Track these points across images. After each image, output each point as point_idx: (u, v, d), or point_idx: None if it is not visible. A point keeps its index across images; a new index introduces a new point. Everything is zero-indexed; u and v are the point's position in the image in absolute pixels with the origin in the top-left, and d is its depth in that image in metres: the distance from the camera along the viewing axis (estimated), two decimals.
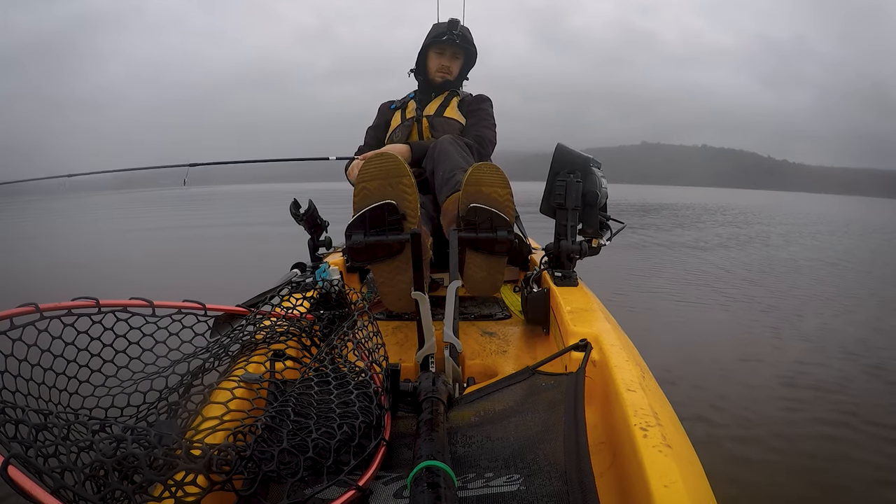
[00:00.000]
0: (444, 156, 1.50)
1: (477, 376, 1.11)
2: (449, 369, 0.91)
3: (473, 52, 1.95)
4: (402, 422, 0.76)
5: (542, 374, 0.80)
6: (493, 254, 1.23)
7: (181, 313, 0.81)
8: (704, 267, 5.52)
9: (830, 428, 1.95)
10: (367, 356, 0.88)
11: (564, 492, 0.56)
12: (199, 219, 13.03)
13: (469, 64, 1.99)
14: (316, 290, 1.12)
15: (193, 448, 0.50)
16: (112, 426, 0.59)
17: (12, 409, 0.49)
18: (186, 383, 0.76)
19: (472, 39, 1.90)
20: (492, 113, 1.91)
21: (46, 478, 0.41)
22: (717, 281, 4.76)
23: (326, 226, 1.54)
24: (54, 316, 0.63)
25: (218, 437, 0.57)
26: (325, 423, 0.62)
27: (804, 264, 6.00)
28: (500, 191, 1.22)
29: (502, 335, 1.30)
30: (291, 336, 0.92)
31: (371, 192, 1.11)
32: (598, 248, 1.29)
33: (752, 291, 4.33)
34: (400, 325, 1.41)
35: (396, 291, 1.16)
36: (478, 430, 0.72)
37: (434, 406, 0.73)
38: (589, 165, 1.25)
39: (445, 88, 1.93)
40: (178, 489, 0.46)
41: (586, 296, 1.16)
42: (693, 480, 0.50)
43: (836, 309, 3.85)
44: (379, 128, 1.98)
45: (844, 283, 5.02)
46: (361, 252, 1.11)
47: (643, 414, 0.59)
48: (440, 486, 0.53)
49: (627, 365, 0.73)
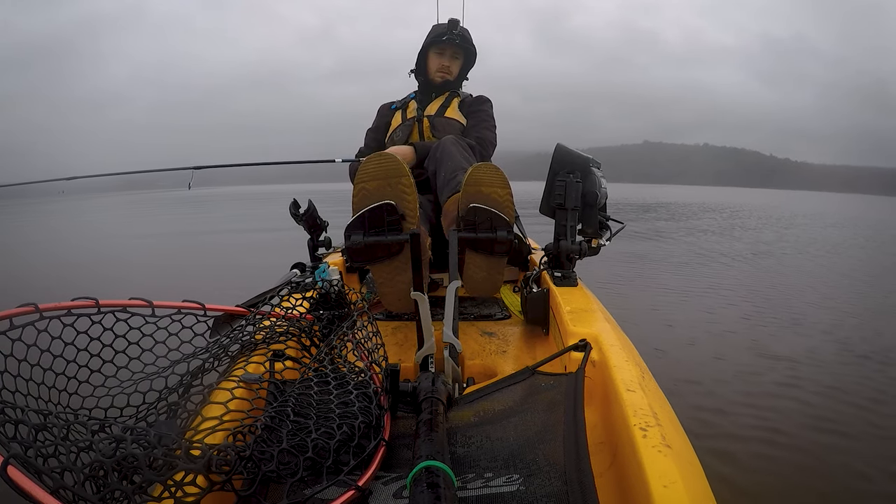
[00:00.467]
0: (446, 156, 1.50)
1: (476, 376, 1.11)
2: (448, 369, 0.91)
3: (473, 53, 1.95)
4: (401, 422, 0.76)
5: (542, 375, 0.80)
6: (492, 254, 1.23)
7: (181, 313, 0.81)
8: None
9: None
10: (367, 356, 0.88)
11: (564, 492, 0.56)
12: (201, 222, 13.03)
13: (469, 64, 1.99)
14: (315, 291, 1.12)
15: (193, 448, 0.50)
16: (112, 426, 0.59)
17: (12, 409, 0.49)
18: (186, 383, 0.76)
19: (472, 40, 1.90)
20: (492, 114, 1.92)
21: (46, 478, 0.41)
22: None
23: (326, 226, 1.53)
24: (54, 316, 0.63)
25: (217, 438, 0.57)
26: (324, 424, 0.62)
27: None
28: (500, 191, 1.22)
29: (502, 335, 1.30)
30: (291, 336, 0.92)
31: (370, 193, 1.11)
32: (597, 248, 1.29)
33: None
34: (399, 326, 1.41)
35: (396, 292, 1.16)
36: (477, 431, 0.72)
37: (433, 406, 0.73)
38: (588, 165, 1.25)
39: (446, 89, 1.93)
40: (178, 489, 0.46)
41: (586, 296, 1.16)
42: (692, 480, 0.50)
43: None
44: (379, 129, 1.98)
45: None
46: (360, 252, 1.11)
47: (643, 414, 0.59)
48: (440, 487, 0.53)
49: (627, 365, 0.73)
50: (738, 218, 13.16)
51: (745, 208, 18.38)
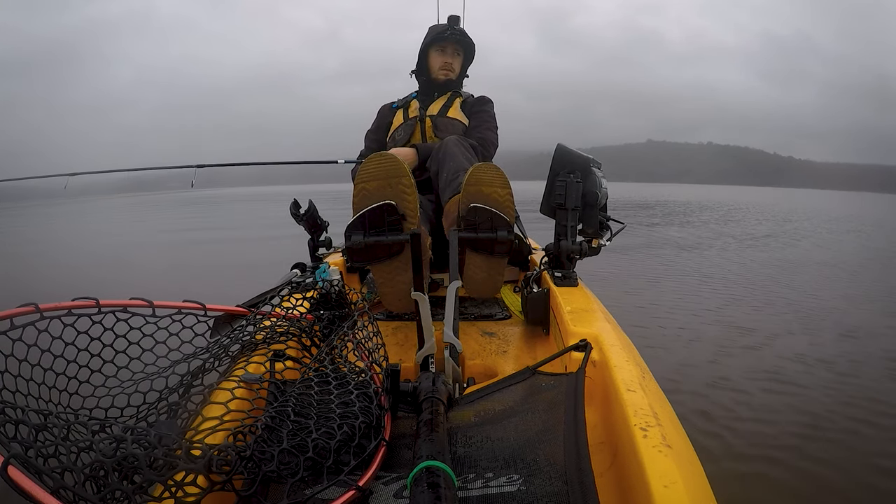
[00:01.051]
0: (448, 157, 1.50)
1: (477, 376, 1.11)
2: (449, 369, 0.91)
3: (473, 49, 1.95)
4: (402, 422, 0.76)
5: (542, 375, 0.80)
6: (493, 254, 1.23)
7: (181, 313, 0.81)
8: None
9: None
10: (367, 356, 0.88)
11: (564, 492, 0.56)
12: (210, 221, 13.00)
13: (468, 61, 1.99)
14: (316, 291, 1.12)
15: (193, 448, 0.50)
16: (112, 426, 0.59)
17: (12, 409, 0.49)
18: (186, 383, 0.76)
19: (470, 36, 1.91)
20: (494, 115, 1.92)
21: (46, 478, 0.41)
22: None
23: (326, 226, 1.53)
24: (54, 316, 0.63)
25: (218, 438, 0.57)
26: (325, 424, 0.62)
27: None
28: (501, 191, 1.22)
29: (502, 335, 1.30)
30: (291, 336, 0.92)
31: (370, 193, 1.11)
32: (598, 248, 1.29)
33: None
34: (400, 326, 1.40)
35: (396, 292, 1.16)
36: (478, 431, 0.72)
37: (434, 406, 0.73)
38: (589, 166, 1.25)
39: (448, 88, 1.93)
40: (178, 489, 0.46)
41: (586, 296, 1.16)
42: (693, 480, 0.50)
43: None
44: (380, 130, 1.98)
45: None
46: (361, 252, 1.11)
47: (643, 414, 0.59)
48: (440, 487, 0.53)
49: (627, 365, 0.73)
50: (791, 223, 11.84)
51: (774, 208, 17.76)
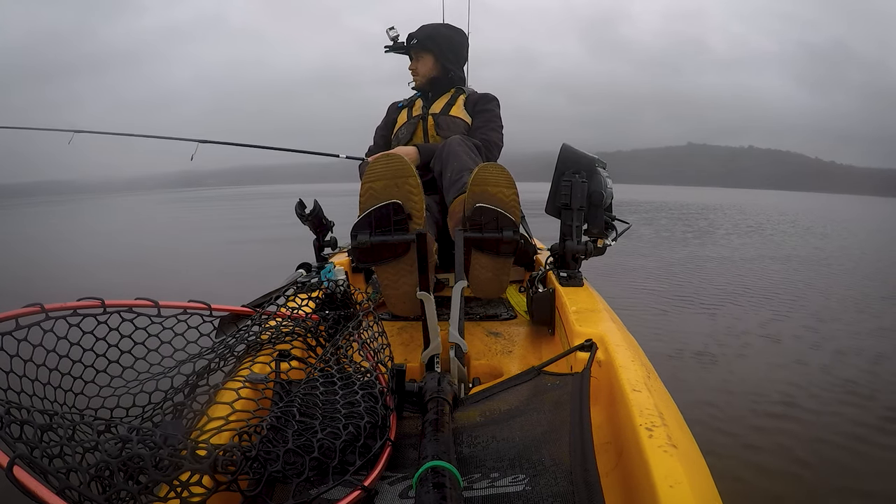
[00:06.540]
0: (452, 157, 1.49)
1: (482, 376, 1.11)
2: (454, 369, 0.91)
3: (446, 39, 1.88)
4: (407, 422, 0.76)
5: (548, 375, 0.80)
6: (498, 254, 1.23)
7: (186, 314, 0.81)
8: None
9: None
10: (373, 356, 0.87)
11: (570, 492, 0.55)
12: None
13: (449, 53, 1.89)
14: (321, 291, 1.12)
15: (199, 448, 0.50)
16: (117, 426, 0.59)
17: (17, 409, 0.49)
18: (192, 384, 0.76)
19: (446, 32, 1.88)
20: (499, 114, 1.88)
21: (52, 478, 0.41)
22: None
23: (332, 226, 1.54)
24: (60, 316, 0.63)
25: (223, 438, 0.57)
26: (330, 424, 0.62)
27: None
28: (506, 191, 1.21)
29: (507, 335, 1.30)
30: (297, 336, 0.92)
31: (377, 192, 1.11)
32: (603, 248, 1.28)
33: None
34: (405, 326, 1.40)
35: (401, 295, 1.16)
36: (483, 431, 0.71)
37: (439, 406, 0.72)
38: (594, 165, 1.25)
39: (448, 86, 1.91)
40: (184, 489, 0.46)
41: (591, 296, 1.16)
42: (698, 481, 0.50)
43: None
44: (387, 127, 1.98)
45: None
46: (367, 252, 1.11)
47: (648, 414, 0.59)
48: (446, 487, 0.52)
49: (633, 365, 0.73)
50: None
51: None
